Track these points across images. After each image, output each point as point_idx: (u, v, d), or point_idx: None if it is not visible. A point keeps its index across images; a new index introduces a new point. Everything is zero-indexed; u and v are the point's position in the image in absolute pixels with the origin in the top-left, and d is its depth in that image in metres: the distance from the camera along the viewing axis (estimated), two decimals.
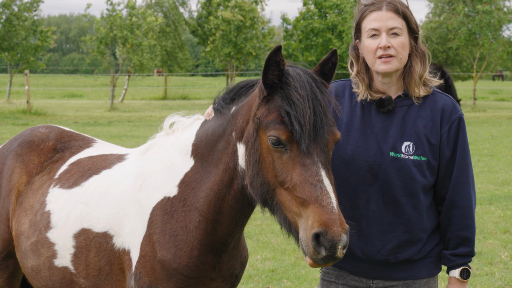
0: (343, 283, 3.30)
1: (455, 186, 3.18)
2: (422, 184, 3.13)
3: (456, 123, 3.18)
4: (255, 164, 2.78)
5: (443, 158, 3.17)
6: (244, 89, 3.06)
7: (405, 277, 3.22)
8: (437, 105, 3.18)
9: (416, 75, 3.17)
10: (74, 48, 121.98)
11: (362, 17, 3.18)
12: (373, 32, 3.12)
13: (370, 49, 3.13)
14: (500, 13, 31.88)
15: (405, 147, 3.14)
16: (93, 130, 20.15)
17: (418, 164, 3.13)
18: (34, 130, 3.97)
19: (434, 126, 3.16)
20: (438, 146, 3.16)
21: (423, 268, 3.24)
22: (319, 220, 2.54)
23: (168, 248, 3.09)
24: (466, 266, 3.21)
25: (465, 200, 3.19)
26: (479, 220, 9.15)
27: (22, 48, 30.28)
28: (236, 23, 33.01)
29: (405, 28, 3.16)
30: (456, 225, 3.19)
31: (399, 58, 3.12)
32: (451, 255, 3.21)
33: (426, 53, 3.25)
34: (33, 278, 3.62)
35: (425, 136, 3.14)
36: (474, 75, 33.64)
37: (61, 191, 3.56)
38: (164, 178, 3.19)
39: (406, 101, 3.19)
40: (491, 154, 15.95)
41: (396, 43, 3.11)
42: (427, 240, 3.22)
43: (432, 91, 3.23)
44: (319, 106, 2.73)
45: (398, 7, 3.14)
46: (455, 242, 3.20)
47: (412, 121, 3.15)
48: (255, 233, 8.55)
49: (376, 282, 3.24)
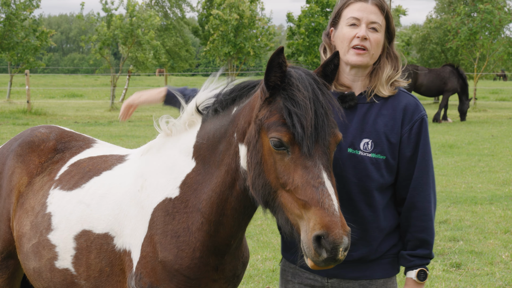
0: (299, 282, 3.28)
1: (415, 187, 3.15)
2: (378, 182, 3.11)
3: (418, 123, 3.16)
4: (257, 166, 2.77)
5: (403, 158, 3.15)
6: (245, 90, 3.06)
7: (359, 276, 3.19)
8: (400, 104, 3.17)
9: (384, 76, 3.16)
10: (74, 48, 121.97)
11: (346, 4, 3.18)
12: (354, 21, 3.12)
13: (346, 37, 3.12)
14: (501, 13, 31.86)
15: (364, 144, 3.11)
16: (94, 130, 20.14)
17: (376, 162, 3.10)
18: (34, 130, 3.96)
19: (395, 125, 3.13)
20: (397, 145, 3.14)
21: (379, 269, 3.21)
22: (321, 222, 2.54)
23: (169, 249, 3.08)
24: (423, 267, 3.19)
25: (425, 202, 3.17)
26: (480, 220, 9.15)
27: (22, 48, 30.27)
28: (233, 22, 32.98)
29: (384, 27, 3.16)
30: (415, 227, 3.17)
31: (371, 53, 3.11)
32: (409, 255, 3.19)
33: (399, 58, 3.24)
34: (35, 280, 3.63)
35: (385, 134, 3.12)
36: (474, 75, 33.63)
37: (62, 192, 3.56)
38: (166, 179, 3.18)
39: (366, 98, 3.17)
40: (492, 154, 15.94)
41: (373, 38, 3.11)
42: (383, 239, 3.19)
43: (398, 90, 3.22)
44: (320, 108, 2.72)
45: (383, 5, 3.15)
46: (414, 244, 3.19)
47: (373, 119, 3.13)
48: (256, 233, 8.54)
49: (332, 282, 3.21)
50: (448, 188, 11.47)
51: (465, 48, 33.69)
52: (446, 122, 24.55)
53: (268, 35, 35.03)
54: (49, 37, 31.62)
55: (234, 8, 33.38)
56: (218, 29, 33.37)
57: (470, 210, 9.75)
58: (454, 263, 7.24)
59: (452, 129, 22.00)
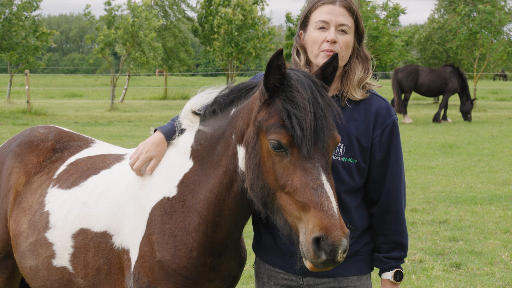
0: (275, 283, 3.27)
1: (389, 191, 3.17)
2: (348, 186, 3.12)
3: (390, 127, 3.16)
4: (255, 167, 2.77)
5: (373, 161, 3.16)
6: (244, 91, 3.05)
7: (333, 274, 3.18)
8: (372, 108, 3.16)
9: (355, 78, 3.15)
10: (74, 48, 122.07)
11: (314, 7, 3.16)
12: (322, 24, 3.10)
13: (316, 41, 3.10)
14: (501, 13, 31.86)
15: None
16: (93, 130, 20.14)
17: (347, 166, 3.11)
18: (33, 130, 3.96)
19: (367, 129, 3.13)
20: (369, 149, 3.14)
21: (352, 266, 3.21)
22: (320, 224, 2.54)
23: (167, 249, 3.08)
24: (399, 268, 3.22)
25: (399, 205, 3.20)
26: (480, 220, 9.15)
27: (22, 48, 30.27)
28: (237, 22, 32.98)
29: (353, 28, 3.15)
30: (390, 230, 3.20)
31: (341, 56, 3.10)
32: (385, 257, 3.22)
33: (370, 58, 3.23)
34: (31, 279, 3.62)
35: (356, 138, 3.12)
36: (474, 75, 33.63)
37: (60, 191, 3.56)
38: (164, 178, 3.18)
39: (340, 101, 3.16)
40: (492, 154, 15.94)
41: (342, 40, 3.10)
42: (357, 239, 3.20)
43: (369, 94, 3.20)
44: (320, 110, 2.72)
45: (351, 6, 3.14)
46: (390, 246, 3.21)
47: (344, 123, 3.11)
48: None
49: (307, 280, 3.20)
50: (448, 188, 11.46)
51: (465, 48, 33.68)
52: (446, 122, 24.56)
53: (269, 35, 35.02)
54: (50, 37, 31.61)
55: (240, 8, 33.39)
56: (222, 28, 33.36)
57: (470, 210, 9.75)
58: (454, 263, 7.24)
59: (452, 129, 22.00)
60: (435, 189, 11.34)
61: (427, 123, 24.14)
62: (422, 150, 16.44)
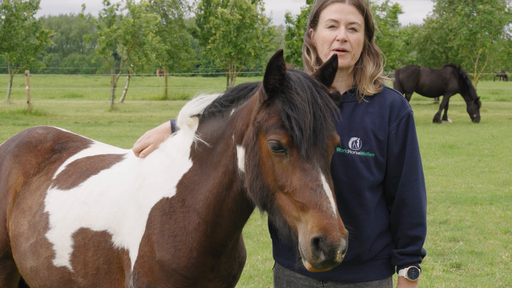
0: None
1: (404, 184, 3.14)
2: (369, 181, 3.10)
3: (405, 119, 3.14)
4: (255, 168, 2.77)
5: (391, 154, 3.13)
6: (244, 92, 3.05)
7: (354, 279, 3.16)
8: (386, 101, 3.15)
9: (367, 74, 3.14)
10: (74, 48, 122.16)
11: (323, 6, 3.15)
12: (332, 23, 3.09)
13: (326, 40, 3.10)
14: (501, 13, 31.86)
15: (352, 143, 3.10)
16: (94, 130, 20.15)
17: (365, 160, 3.09)
18: (31, 131, 3.96)
19: (382, 122, 3.12)
20: (385, 143, 3.12)
21: (373, 270, 3.19)
22: (319, 225, 2.53)
23: (167, 249, 3.09)
24: (414, 265, 3.16)
25: (415, 198, 3.15)
26: (480, 220, 9.15)
27: (22, 48, 30.28)
28: (235, 22, 32.96)
29: (363, 25, 3.14)
30: (405, 224, 3.15)
31: (352, 54, 3.10)
32: (399, 253, 3.17)
33: (380, 54, 3.22)
34: (31, 279, 3.62)
35: (373, 132, 3.10)
36: (474, 75, 33.62)
37: (59, 192, 3.56)
38: (163, 178, 3.18)
39: (354, 97, 3.16)
40: (492, 154, 15.94)
41: (353, 39, 3.09)
42: (376, 239, 3.17)
43: (382, 88, 3.20)
44: (319, 110, 2.72)
45: (361, 4, 3.12)
46: (405, 241, 3.16)
47: (359, 117, 3.12)
48: (256, 233, 8.54)
49: (327, 285, 3.19)
50: (448, 189, 11.46)
51: (465, 48, 33.67)
52: (446, 122, 24.56)
53: (269, 35, 35.00)
54: (49, 36, 31.61)
55: (237, 8, 33.38)
56: (220, 29, 33.35)
57: (470, 211, 9.75)
58: (454, 263, 7.24)
59: (452, 129, 22.00)
60: (435, 190, 11.34)
61: (428, 124, 24.14)
62: (422, 150, 16.44)
